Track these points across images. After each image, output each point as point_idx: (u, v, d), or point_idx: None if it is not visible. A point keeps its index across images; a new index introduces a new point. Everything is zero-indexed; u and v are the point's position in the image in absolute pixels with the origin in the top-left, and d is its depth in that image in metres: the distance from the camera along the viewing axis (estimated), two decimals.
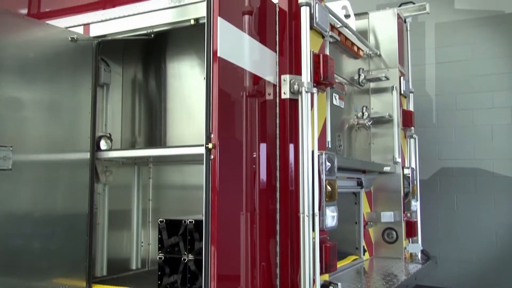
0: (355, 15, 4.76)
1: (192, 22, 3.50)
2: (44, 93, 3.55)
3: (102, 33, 3.87)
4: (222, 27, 2.65)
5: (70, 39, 3.68)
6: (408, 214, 4.91)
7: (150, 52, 4.59)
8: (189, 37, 4.31)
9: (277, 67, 3.25)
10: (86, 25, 3.93)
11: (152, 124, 4.58)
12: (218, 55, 2.62)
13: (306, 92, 3.07)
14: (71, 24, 3.98)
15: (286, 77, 3.21)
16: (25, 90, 3.42)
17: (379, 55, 4.92)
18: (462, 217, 6.43)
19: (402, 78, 4.91)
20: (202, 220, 2.65)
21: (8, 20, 3.30)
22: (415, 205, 4.93)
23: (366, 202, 4.76)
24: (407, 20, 5.19)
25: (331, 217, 3.20)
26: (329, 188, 3.16)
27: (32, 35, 3.51)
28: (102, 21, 3.88)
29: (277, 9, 3.27)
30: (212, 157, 2.58)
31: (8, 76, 3.25)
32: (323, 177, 3.13)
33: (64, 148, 3.64)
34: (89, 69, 3.81)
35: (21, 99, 3.39)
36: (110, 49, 4.06)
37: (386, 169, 4.68)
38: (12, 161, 3.14)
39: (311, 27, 3.18)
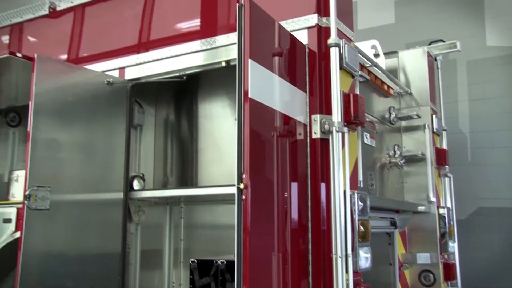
0: (385, 54, 4.77)
1: (223, 64, 3.60)
2: (80, 134, 3.66)
3: (137, 76, 4.00)
4: (253, 69, 2.70)
5: (106, 82, 3.82)
6: (446, 256, 4.74)
7: (182, 93, 4.70)
8: (220, 78, 4.40)
9: (308, 107, 3.27)
10: (122, 69, 4.07)
11: (184, 164, 4.64)
12: (249, 96, 2.66)
13: (337, 131, 3.07)
14: (107, 68, 4.14)
15: (316, 117, 3.22)
16: (63, 132, 3.54)
17: (410, 93, 4.89)
18: (504, 258, 6.16)
19: (434, 116, 4.85)
20: (234, 261, 2.63)
21: (49, 66, 3.45)
22: (453, 246, 4.76)
23: (400, 242, 4.63)
24: (437, 58, 5.18)
25: (364, 258, 3.13)
26: (362, 228, 3.10)
27: (71, 80, 3.66)
28: (136, 64, 4.03)
29: (307, 50, 3.32)
30: (243, 197, 2.58)
31: (48, 119, 3.38)
32: (356, 217, 3.08)
33: (98, 188, 3.72)
34: (123, 110, 3.93)
35: (59, 140, 3.51)
36: (143, 91, 4.19)
37: (421, 208, 4.56)
38: (50, 201, 3.22)
39: (341, 67, 3.20)
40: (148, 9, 4.16)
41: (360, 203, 3.13)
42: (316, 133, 3.21)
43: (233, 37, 3.56)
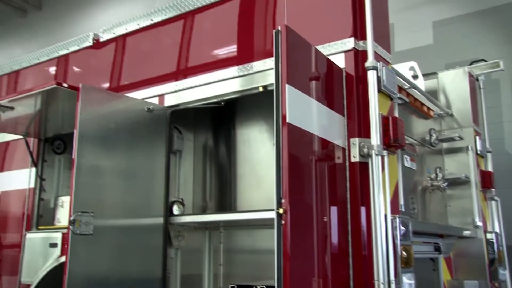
0: (423, 75, 4.71)
1: (261, 89, 3.63)
2: (122, 160, 3.75)
3: (176, 102, 4.09)
4: (290, 93, 2.72)
5: (146, 109, 3.91)
6: (496, 284, 4.52)
7: (220, 119, 4.75)
8: (257, 103, 4.44)
9: (346, 130, 3.25)
10: (161, 96, 4.17)
11: (223, 189, 4.66)
12: (287, 121, 2.67)
13: (376, 155, 3.03)
14: (148, 95, 4.24)
15: (355, 141, 3.20)
16: (106, 158, 3.63)
17: (451, 115, 4.79)
18: None
19: (477, 137, 4.72)
20: (274, 286, 2.60)
21: (93, 95, 3.57)
22: (504, 273, 4.53)
23: (445, 269, 4.47)
24: (479, 78, 5.06)
25: (408, 284, 3.04)
26: (404, 253, 3.02)
27: (113, 108, 3.77)
28: (175, 91, 4.12)
29: (344, 74, 3.32)
30: (283, 222, 2.57)
31: (91, 146, 3.48)
32: (398, 242, 3.00)
33: (139, 213, 3.78)
34: (163, 137, 4.00)
35: (102, 167, 3.60)
36: (182, 117, 4.26)
37: (466, 233, 4.41)
38: (93, 226, 3.29)
39: (379, 90, 3.18)
40: (185, 37, 4.27)
41: (402, 227, 3.06)
42: (355, 157, 3.18)
43: (269, 62, 3.59)
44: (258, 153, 4.52)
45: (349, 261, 3.08)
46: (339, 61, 3.35)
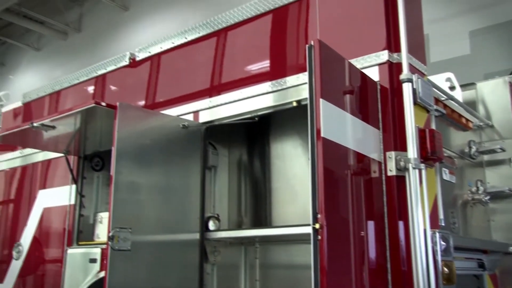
0: (461, 86, 4.61)
1: (294, 104, 3.64)
2: (158, 177, 3.80)
3: (210, 118, 4.13)
4: (324, 108, 2.71)
5: (181, 126, 3.97)
6: None
7: (254, 134, 4.77)
8: (291, 118, 4.44)
9: (381, 144, 3.21)
10: (196, 112, 4.23)
11: (258, 204, 4.66)
12: (322, 135, 2.66)
13: (414, 168, 2.98)
14: (182, 112, 4.31)
15: (391, 154, 3.15)
16: (142, 175, 3.69)
17: (492, 126, 4.65)
18: None
19: None
20: None
21: (130, 113, 3.65)
22: None
23: (491, 286, 4.30)
24: None
25: None
26: (446, 269, 2.94)
27: (149, 125, 3.85)
28: (209, 107, 4.16)
29: (378, 87, 3.29)
30: (319, 237, 2.55)
31: (128, 163, 3.55)
32: (439, 257, 2.92)
33: (175, 228, 3.82)
34: (198, 153, 4.05)
35: (138, 183, 3.66)
36: (217, 133, 4.30)
37: None
38: (131, 242, 3.34)
39: (415, 103, 3.13)
40: (219, 53, 4.33)
41: (442, 242, 2.98)
42: (392, 171, 3.13)
43: (303, 77, 3.60)
44: (292, 167, 4.51)
45: (387, 277, 3.02)
46: (373, 74, 3.32)
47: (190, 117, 4.22)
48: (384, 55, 3.31)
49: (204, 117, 4.15)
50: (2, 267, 5.47)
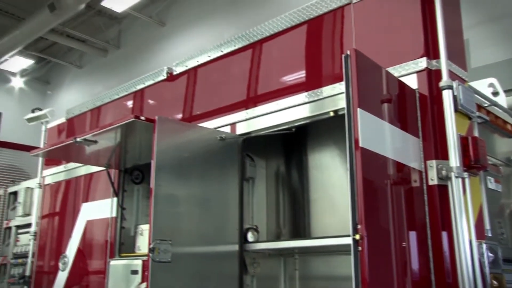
0: (505, 91, 4.47)
1: (331, 114, 3.61)
2: (196, 189, 3.84)
3: (247, 130, 4.15)
4: (362, 117, 2.68)
5: (219, 138, 4.00)
6: None
7: (292, 145, 4.76)
8: (328, 128, 4.41)
9: (422, 153, 3.15)
10: (233, 124, 4.26)
11: (296, 215, 4.63)
12: (360, 145, 2.63)
13: (456, 177, 2.91)
14: (219, 124, 4.34)
15: (432, 163, 3.08)
16: (181, 187, 3.74)
17: None
18: None
19: None
20: None
21: (168, 126, 3.71)
22: None
23: None
24: None
25: None
26: (495, 282, 2.83)
27: (187, 137, 3.90)
28: (246, 119, 4.18)
29: (417, 95, 3.23)
30: (360, 248, 2.51)
31: (167, 175, 3.60)
32: (487, 270, 2.82)
33: (214, 240, 3.83)
34: (235, 164, 4.06)
35: (177, 195, 3.70)
36: (254, 144, 4.31)
37: None
38: (171, 253, 3.37)
39: (456, 110, 3.06)
40: (254, 65, 4.35)
41: (490, 254, 2.88)
42: (433, 180, 3.06)
43: (339, 87, 3.58)
44: (330, 178, 4.47)
45: None
46: (412, 82, 3.27)
47: (227, 129, 4.26)
48: (422, 62, 3.26)
49: (241, 129, 4.18)
50: (50, 278, 5.63)
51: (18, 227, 7.27)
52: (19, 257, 6.91)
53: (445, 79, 3.08)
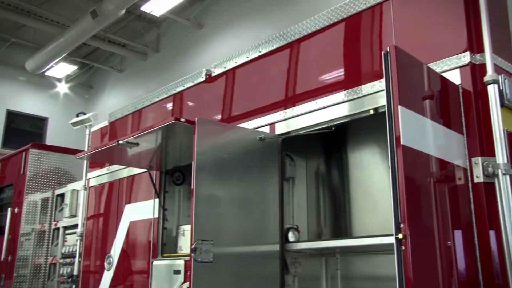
0: None
1: (371, 112, 3.56)
2: (236, 189, 3.86)
3: (286, 130, 4.15)
4: (403, 114, 2.63)
5: (258, 138, 4.01)
6: None
7: (331, 144, 4.73)
8: (368, 126, 4.35)
9: (466, 149, 3.06)
10: (272, 124, 4.26)
11: (337, 214, 4.60)
12: (402, 143, 2.58)
13: (504, 174, 2.81)
14: (259, 124, 4.36)
15: (477, 160, 3.00)
16: (221, 187, 3.77)
17: None
18: None
19: None
20: None
21: (208, 127, 3.75)
22: None
23: None
24: None
25: None
26: None
27: (226, 138, 3.93)
28: (285, 119, 4.18)
29: (460, 90, 3.15)
30: (403, 248, 2.46)
31: (208, 176, 3.64)
32: None
33: (255, 240, 3.85)
34: (275, 164, 4.07)
35: (218, 196, 3.74)
36: (293, 144, 4.30)
37: None
38: (213, 254, 3.41)
39: (502, 105, 2.96)
40: (292, 65, 4.34)
41: None
42: (479, 177, 2.98)
43: (378, 84, 3.53)
44: (371, 176, 4.41)
45: None
46: (455, 77, 3.18)
47: (266, 129, 4.26)
48: (465, 57, 3.17)
49: (280, 129, 4.18)
50: (96, 277, 5.80)
51: (66, 228, 7.51)
52: (67, 257, 7.15)
53: (490, 74, 2.99)
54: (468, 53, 3.16)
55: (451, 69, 3.21)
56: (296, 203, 4.35)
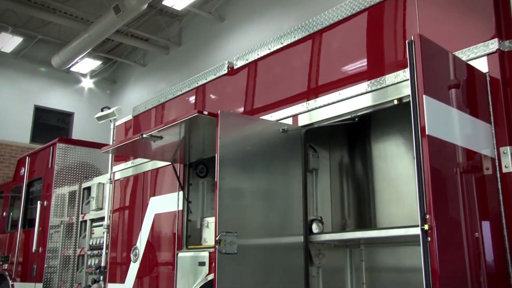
0: None
1: (396, 102, 3.52)
2: (260, 181, 3.87)
3: (309, 121, 4.12)
4: (428, 104, 2.59)
5: (281, 130, 4.00)
6: None
7: (355, 135, 4.69)
8: (391, 117, 4.31)
9: (494, 139, 3.00)
10: (295, 116, 4.24)
11: (361, 205, 4.57)
12: (427, 133, 2.54)
13: None
14: (281, 116, 4.35)
15: (506, 149, 2.93)
16: (245, 180, 3.78)
17: None
18: None
19: None
20: None
21: (230, 120, 3.76)
22: None
23: None
24: None
25: None
26: None
27: (249, 131, 3.93)
28: (308, 110, 4.16)
29: (488, 78, 3.08)
30: (429, 239, 2.44)
31: (231, 168, 3.65)
32: None
33: (279, 232, 3.86)
34: (298, 156, 4.05)
35: (242, 188, 3.75)
36: (317, 135, 4.28)
37: None
38: (237, 245, 3.43)
39: None
40: (315, 56, 4.31)
41: None
42: (508, 167, 2.92)
43: (402, 74, 3.48)
44: (395, 167, 4.36)
45: (510, 282, 2.80)
46: (482, 65, 3.11)
47: (289, 121, 4.25)
48: (493, 44, 3.09)
49: (303, 120, 4.16)
50: (122, 268, 5.90)
51: (93, 220, 7.65)
52: (95, 248, 7.29)
53: None
54: (496, 39, 3.08)
55: (478, 57, 3.14)
56: (320, 194, 4.33)
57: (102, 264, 6.44)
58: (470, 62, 3.11)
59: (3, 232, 9.47)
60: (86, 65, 18.13)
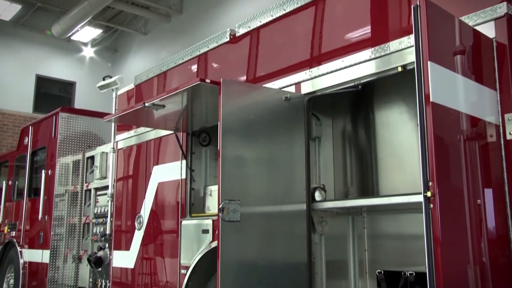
0: None
1: (400, 69, 3.48)
2: (263, 150, 3.87)
3: (312, 89, 4.09)
4: (433, 71, 2.56)
5: (284, 98, 3.98)
6: None
7: (358, 102, 4.66)
8: (395, 84, 4.26)
9: (499, 106, 2.97)
10: (297, 84, 4.21)
11: (364, 173, 4.58)
12: (431, 100, 2.52)
13: None
14: (284, 84, 4.31)
15: (511, 116, 2.91)
16: (248, 148, 3.79)
17: None
18: None
19: None
20: (424, 273, 2.50)
21: (233, 88, 3.74)
22: None
23: None
24: None
25: None
26: None
27: (252, 99, 3.91)
28: (311, 78, 4.12)
29: (495, 44, 3.03)
30: (431, 206, 2.45)
31: (234, 137, 3.65)
32: None
33: (282, 200, 3.88)
34: (301, 124, 4.04)
35: (245, 156, 3.76)
36: (319, 103, 4.25)
37: None
38: (240, 213, 3.46)
39: None
40: (317, 23, 4.24)
41: None
42: None
43: (406, 41, 3.42)
44: (398, 135, 4.35)
45: (510, 248, 2.83)
46: (489, 30, 3.06)
47: (292, 89, 4.22)
48: (502, 8, 3.02)
49: (306, 88, 4.13)
50: (127, 236, 5.98)
51: (97, 189, 7.71)
52: (100, 216, 7.36)
53: None
54: (504, 3, 3.01)
55: (485, 21, 3.08)
56: (323, 162, 4.34)
57: (107, 231, 6.52)
58: (477, 27, 3.06)
59: (10, 200, 9.57)
60: (87, 33, 17.93)
